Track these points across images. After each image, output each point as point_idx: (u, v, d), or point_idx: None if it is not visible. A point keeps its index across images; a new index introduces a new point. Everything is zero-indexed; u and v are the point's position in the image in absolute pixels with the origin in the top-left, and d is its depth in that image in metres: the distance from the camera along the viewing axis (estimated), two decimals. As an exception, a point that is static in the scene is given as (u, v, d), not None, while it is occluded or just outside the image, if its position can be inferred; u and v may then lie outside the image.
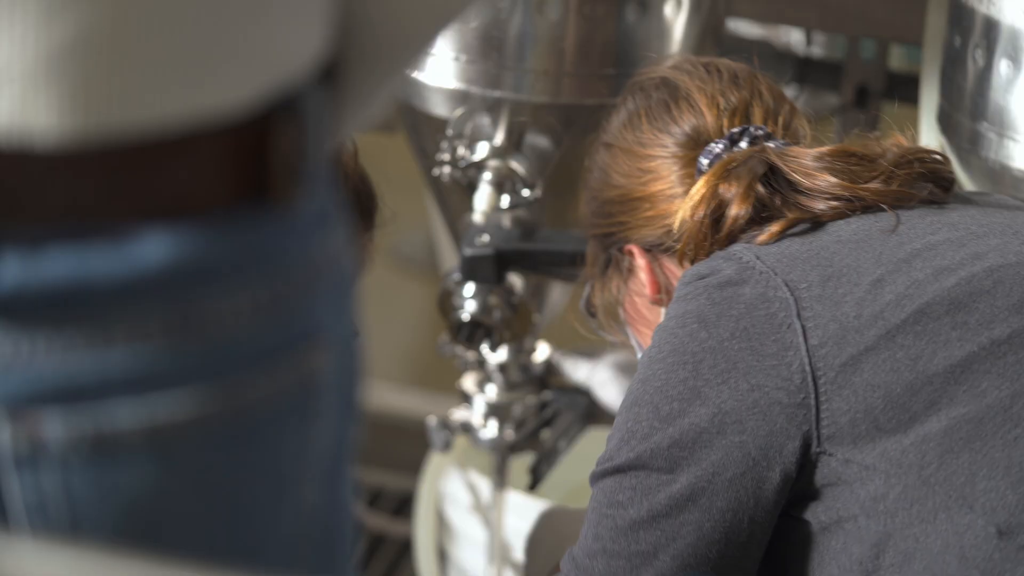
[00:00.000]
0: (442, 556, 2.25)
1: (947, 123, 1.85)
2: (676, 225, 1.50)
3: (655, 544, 1.39)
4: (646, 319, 1.60)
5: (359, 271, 0.98)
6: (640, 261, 1.56)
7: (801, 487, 1.39)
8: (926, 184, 1.48)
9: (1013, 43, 1.73)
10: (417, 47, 1.05)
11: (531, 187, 1.88)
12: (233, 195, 0.88)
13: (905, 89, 2.26)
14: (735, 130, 1.52)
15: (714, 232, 1.48)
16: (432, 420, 2.11)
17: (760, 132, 1.52)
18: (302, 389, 0.93)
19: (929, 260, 1.40)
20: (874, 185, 1.45)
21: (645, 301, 1.59)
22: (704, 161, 1.52)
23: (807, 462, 1.37)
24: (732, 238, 1.47)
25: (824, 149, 1.49)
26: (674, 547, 1.39)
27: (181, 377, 0.87)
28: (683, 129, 1.54)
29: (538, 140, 1.87)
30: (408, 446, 2.71)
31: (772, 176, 1.48)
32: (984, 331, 1.36)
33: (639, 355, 1.63)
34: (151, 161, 0.85)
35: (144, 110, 0.85)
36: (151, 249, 0.86)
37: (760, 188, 1.46)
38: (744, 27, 2.30)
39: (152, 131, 0.85)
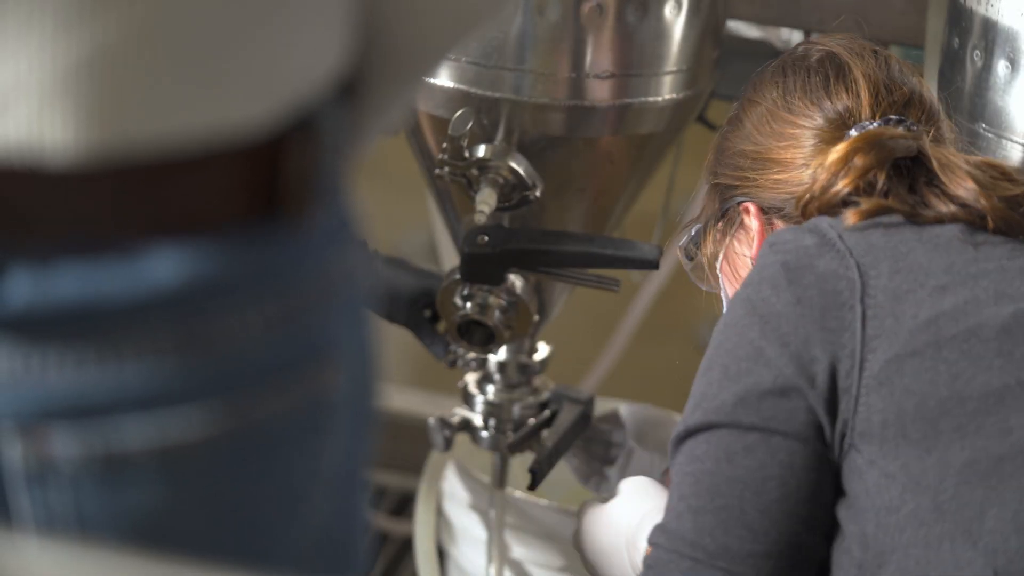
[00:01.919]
0: (442, 555, 2.25)
1: (946, 124, 1.85)
2: (807, 175, 1.52)
3: (740, 497, 1.38)
4: (742, 277, 1.61)
5: (375, 284, 0.98)
6: (754, 221, 1.58)
7: None
8: None
9: (1011, 44, 1.74)
10: (437, 57, 1.05)
11: (531, 187, 1.88)
12: (247, 211, 0.88)
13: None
14: (894, 116, 1.54)
15: (821, 194, 1.50)
16: (432, 420, 2.11)
17: (915, 128, 1.53)
18: (315, 405, 0.92)
19: (995, 282, 1.41)
20: (1000, 204, 1.46)
21: (746, 260, 1.61)
22: (854, 134, 1.53)
23: (840, 451, 1.38)
24: (825, 208, 1.49)
25: (975, 158, 1.51)
26: (761, 502, 1.37)
27: (193, 394, 0.87)
28: (835, 107, 1.55)
29: (538, 140, 1.88)
30: (408, 446, 2.71)
31: (912, 165, 1.49)
32: None
33: (726, 309, 1.64)
34: (164, 178, 0.85)
35: (158, 127, 0.84)
36: (162, 266, 0.86)
37: (882, 176, 1.47)
38: (743, 28, 2.30)
39: (166, 148, 0.84)
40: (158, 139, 0.84)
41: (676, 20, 1.86)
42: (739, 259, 1.62)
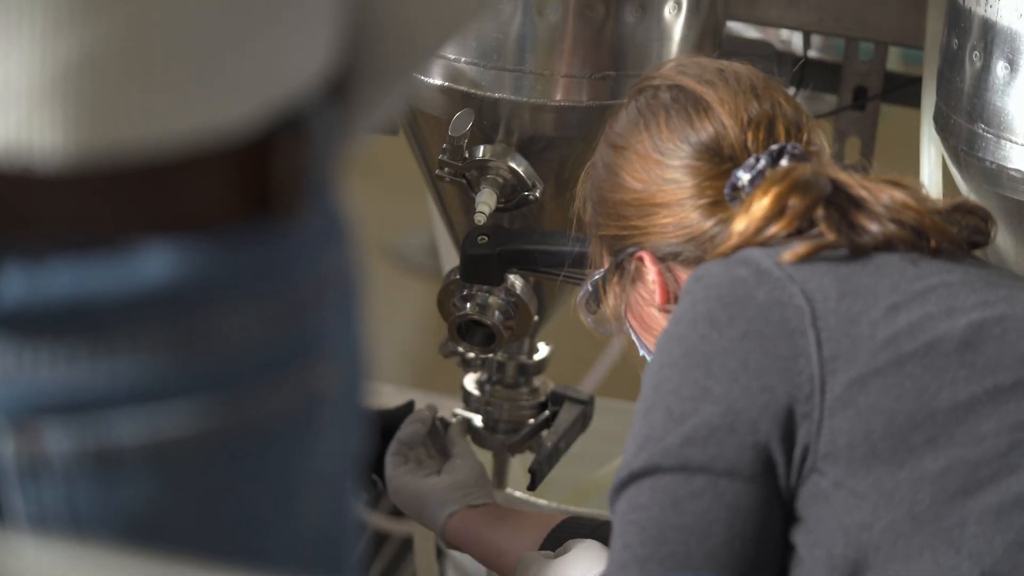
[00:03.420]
0: (442, 555, 2.25)
1: (944, 125, 1.85)
2: (734, 232, 1.45)
3: (686, 543, 1.35)
4: (651, 325, 1.58)
5: (366, 282, 0.99)
6: (651, 268, 1.53)
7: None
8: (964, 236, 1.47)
9: (1010, 45, 1.74)
10: (428, 54, 1.06)
11: (531, 187, 1.89)
12: (239, 210, 0.89)
13: (903, 91, 2.26)
14: (775, 147, 1.49)
15: (753, 238, 1.44)
16: (432, 420, 2.11)
17: (797, 151, 1.49)
18: (308, 402, 0.93)
19: (943, 298, 1.40)
20: (938, 220, 1.44)
21: (651, 310, 1.57)
22: (744, 176, 1.48)
23: (800, 476, 1.35)
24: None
25: (883, 176, 1.48)
26: (707, 545, 1.35)
27: (185, 390, 0.87)
28: (701, 139, 1.51)
29: (538, 140, 1.88)
30: (409, 446, 2.70)
31: (833, 195, 1.45)
32: (990, 376, 1.36)
33: (642, 353, 1.63)
34: (156, 179, 0.86)
35: (149, 128, 0.85)
36: (155, 264, 0.86)
37: (820, 211, 1.43)
38: (743, 28, 2.31)
39: (157, 149, 0.85)
40: (148, 141, 0.85)
41: (675, 21, 1.86)
42: (644, 310, 1.58)
